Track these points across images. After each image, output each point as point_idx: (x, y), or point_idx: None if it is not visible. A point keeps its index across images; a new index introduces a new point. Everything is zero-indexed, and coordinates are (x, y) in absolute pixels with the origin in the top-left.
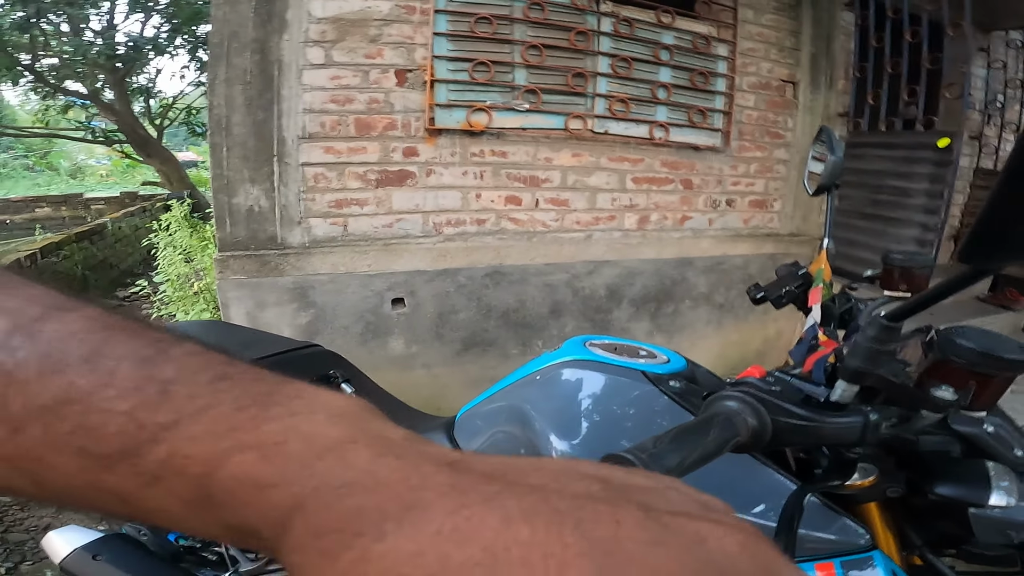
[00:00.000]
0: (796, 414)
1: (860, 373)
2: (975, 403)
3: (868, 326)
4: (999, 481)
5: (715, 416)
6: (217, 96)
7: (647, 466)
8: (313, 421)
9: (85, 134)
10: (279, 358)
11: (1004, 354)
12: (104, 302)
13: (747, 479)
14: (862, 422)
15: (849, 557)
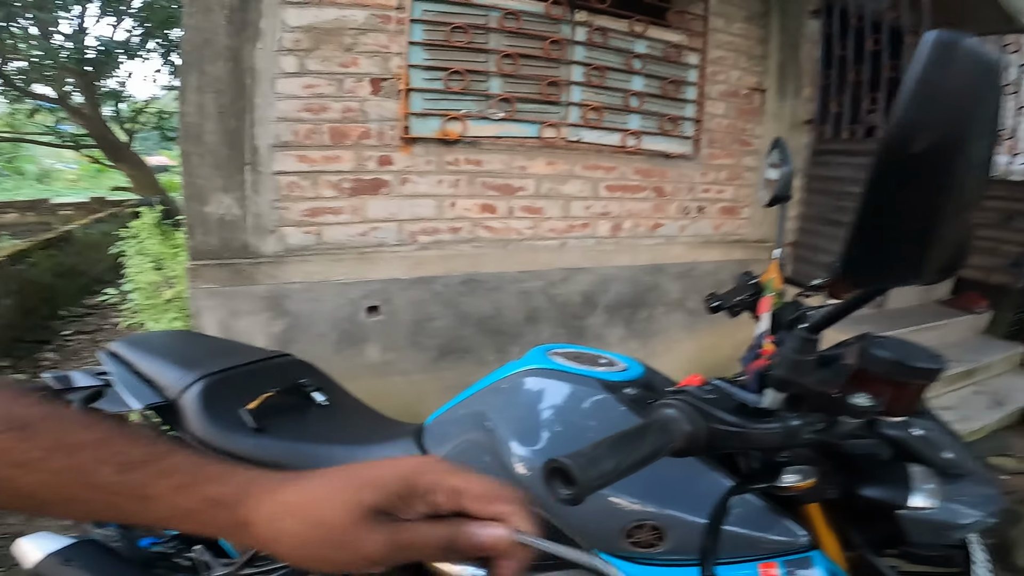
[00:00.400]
0: (726, 421)
1: (785, 382)
2: (892, 409)
3: (790, 338)
4: (920, 483)
5: (652, 423)
6: (189, 104)
7: (584, 470)
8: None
9: (53, 138)
10: (251, 368)
11: (914, 363)
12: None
13: (694, 481)
14: (782, 428)
15: (791, 557)
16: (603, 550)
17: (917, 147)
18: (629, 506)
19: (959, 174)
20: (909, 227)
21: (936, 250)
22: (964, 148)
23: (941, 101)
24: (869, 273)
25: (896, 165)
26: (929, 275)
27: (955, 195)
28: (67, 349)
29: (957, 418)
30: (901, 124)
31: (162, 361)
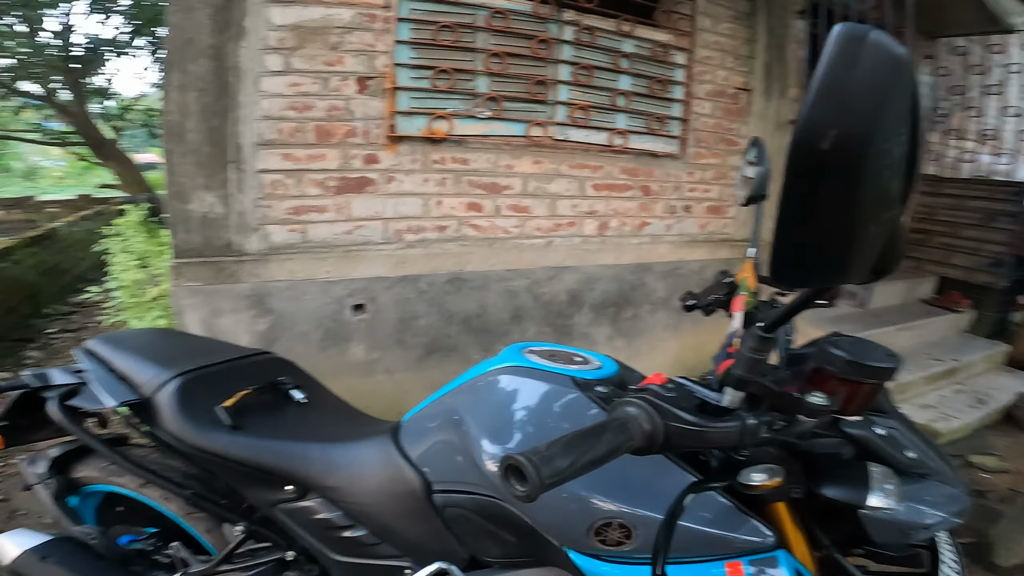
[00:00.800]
0: (685, 419)
1: (742, 380)
2: (847, 408)
3: (747, 336)
4: (879, 483)
5: (610, 422)
6: (171, 103)
7: (537, 468)
8: None
9: (40, 136)
10: (229, 365)
11: (868, 362)
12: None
13: (661, 480)
14: (739, 427)
15: (756, 556)
16: (573, 548)
17: (825, 143)
18: (596, 504)
19: (872, 171)
20: (829, 227)
21: (861, 250)
22: (874, 144)
23: (848, 96)
24: (797, 275)
25: (807, 163)
26: (858, 275)
27: (872, 193)
28: (51, 347)
29: (939, 417)
30: (808, 120)
31: (138, 358)
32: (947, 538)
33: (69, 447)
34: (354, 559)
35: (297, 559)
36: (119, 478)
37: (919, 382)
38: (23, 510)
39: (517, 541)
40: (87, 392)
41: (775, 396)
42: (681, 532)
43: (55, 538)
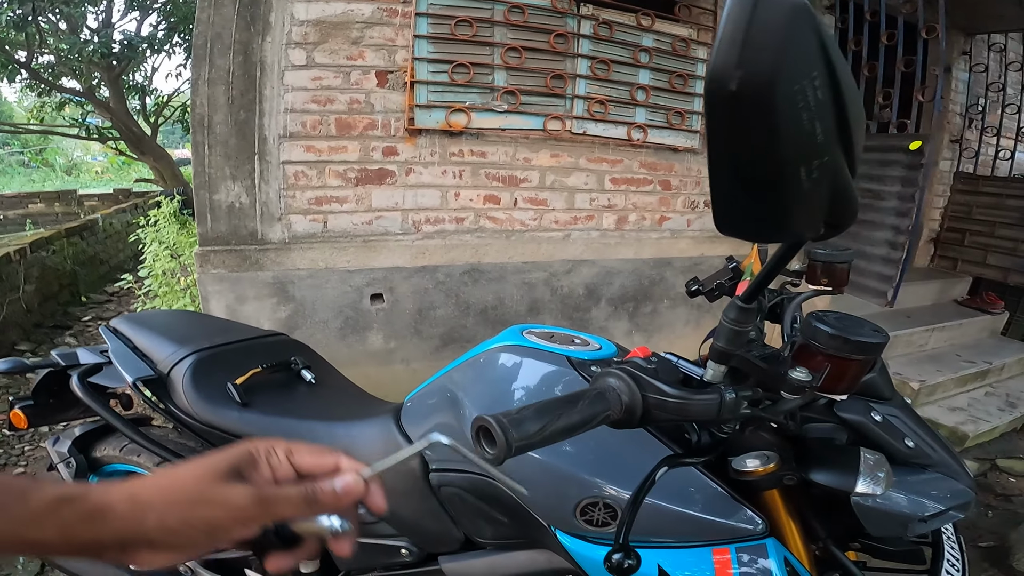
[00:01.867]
0: (663, 391)
1: (724, 353)
2: (832, 386)
3: (728, 309)
4: (871, 469)
5: (588, 391)
6: (200, 96)
7: (505, 431)
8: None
9: (80, 131)
10: (245, 344)
11: (854, 336)
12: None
13: (647, 460)
14: (718, 399)
15: (744, 543)
16: (560, 528)
17: (732, 84)
18: (581, 483)
19: (785, 112)
20: (756, 172)
21: (799, 198)
22: (779, 83)
23: (749, 38)
24: (739, 224)
25: (720, 105)
26: (807, 227)
27: (791, 135)
28: (86, 334)
29: (968, 419)
30: (716, 63)
31: (157, 336)
32: (951, 534)
33: (91, 426)
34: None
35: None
36: (138, 457)
37: (949, 384)
38: None
39: (509, 522)
40: (109, 370)
41: (757, 371)
42: (670, 516)
43: None
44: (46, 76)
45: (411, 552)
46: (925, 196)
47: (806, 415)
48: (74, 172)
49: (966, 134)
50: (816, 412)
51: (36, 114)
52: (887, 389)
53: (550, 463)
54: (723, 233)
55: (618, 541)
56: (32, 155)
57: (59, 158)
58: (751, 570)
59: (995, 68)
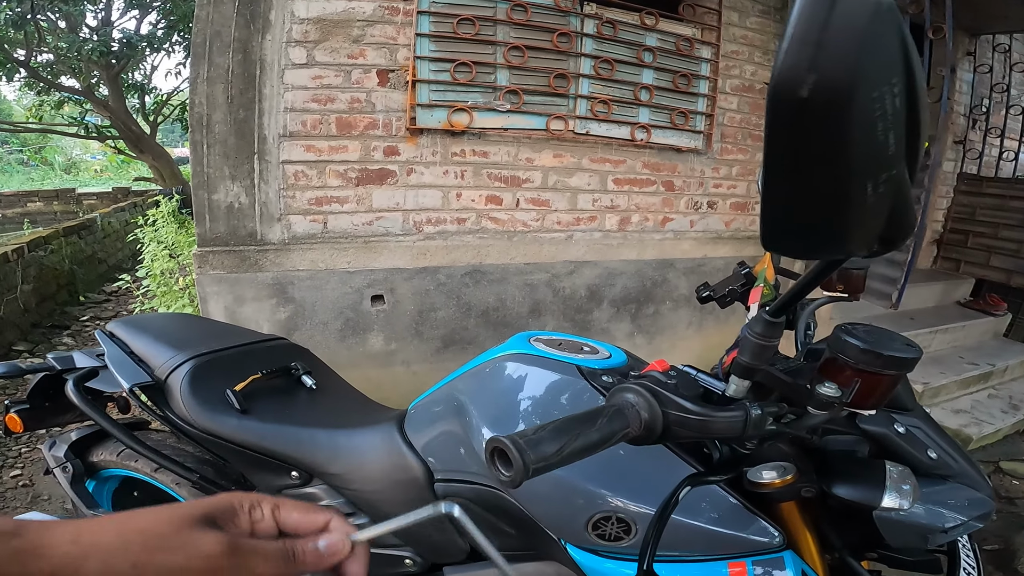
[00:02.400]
0: (686, 408)
1: (748, 368)
2: (861, 401)
3: (754, 323)
4: (897, 483)
5: (606, 408)
6: (198, 94)
7: (522, 452)
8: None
9: (79, 130)
10: (244, 349)
11: (885, 351)
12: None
13: (664, 475)
14: (743, 416)
15: (761, 557)
16: (571, 542)
17: (804, 90)
18: (594, 497)
19: (860, 122)
20: (818, 185)
21: (860, 213)
22: (858, 91)
23: (826, 39)
24: (790, 240)
25: (787, 112)
26: (861, 244)
27: (863, 147)
28: (84, 334)
29: (971, 421)
30: (785, 66)
31: (154, 341)
32: (967, 543)
33: (88, 431)
34: None
35: None
36: (134, 462)
37: (952, 386)
38: (45, 495)
39: (517, 534)
40: (105, 374)
41: (783, 386)
42: (684, 530)
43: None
44: (45, 74)
45: (415, 562)
46: (930, 197)
47: (826, 427)
48: (73, 171)
49: (970, 135)
50: (837, 424)
51: (35, 112)
52: (909, 400)
53: (562, 476)
54: (768, 250)
55: (642, 568)
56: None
57: (58, 156)
58: None
59: (999, 69)
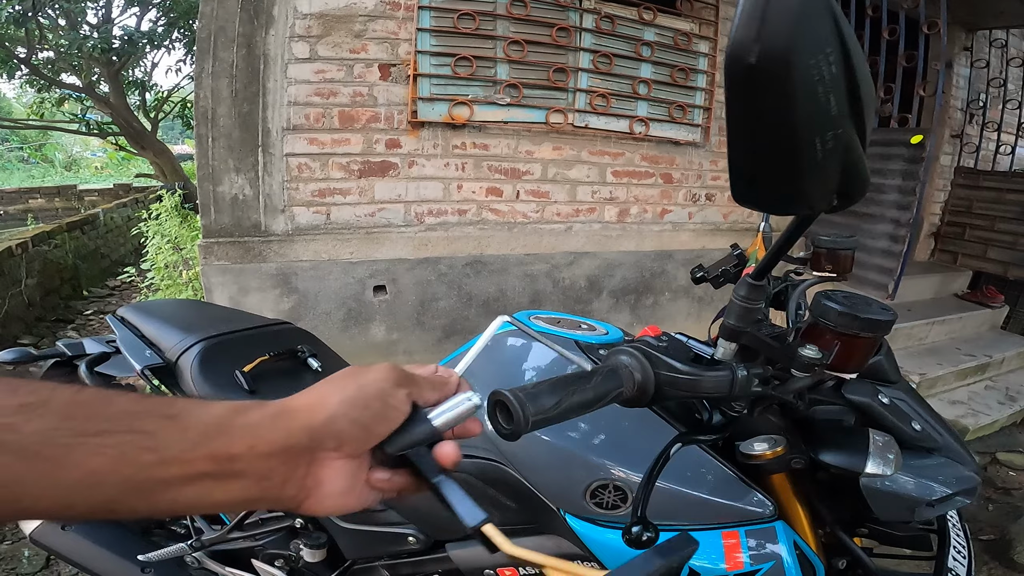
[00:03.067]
0: (676, 368)
1: (734, 331)
2: (841, 364)
3: (739, 287)
4: (880, 450)
5: (601, 368)
6: (203, 89)
7: (521, 404)
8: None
9: (80, 127)
10: (250, 333)
11: (861, 314)
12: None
13: (656, 442)
14: (730, 376)
15: (753, 526)
16: (570, 512)
17: (751, 58)
18: (590, 465)
19: (801, 84)
20: (773, 143)
21: (814, 170)
22: (795, 57)
23: (767, 14)
24: (754, 195)
25: (739, 78)
26: (820, 199)
27: (807, 107)
28: (88, 328)
29: (968, 413)
30: (736, 37)
31: (164, 325)
32: (957, 521)
33: None
34: (359, 526)
35: (305, 527)
36: None
37: (949, 377)
38: None
39: (517, 507)
40: (116, 359)
41: (768, 348)
42: (678, 499)
43: None
44: (46, 72)
45: (418, 539)
46: (926, 190)
47: (814, 397)
48: (73, 168)
49: (967, 129)
50: (823, 395)
51: (36, 110)
52: (893, 373)
53: (560, 445)
54: (739, 203)
55: (636, 514)
56: (31, 151)
57: (58, 154)
58: (760, 553)
59: (996, 64)
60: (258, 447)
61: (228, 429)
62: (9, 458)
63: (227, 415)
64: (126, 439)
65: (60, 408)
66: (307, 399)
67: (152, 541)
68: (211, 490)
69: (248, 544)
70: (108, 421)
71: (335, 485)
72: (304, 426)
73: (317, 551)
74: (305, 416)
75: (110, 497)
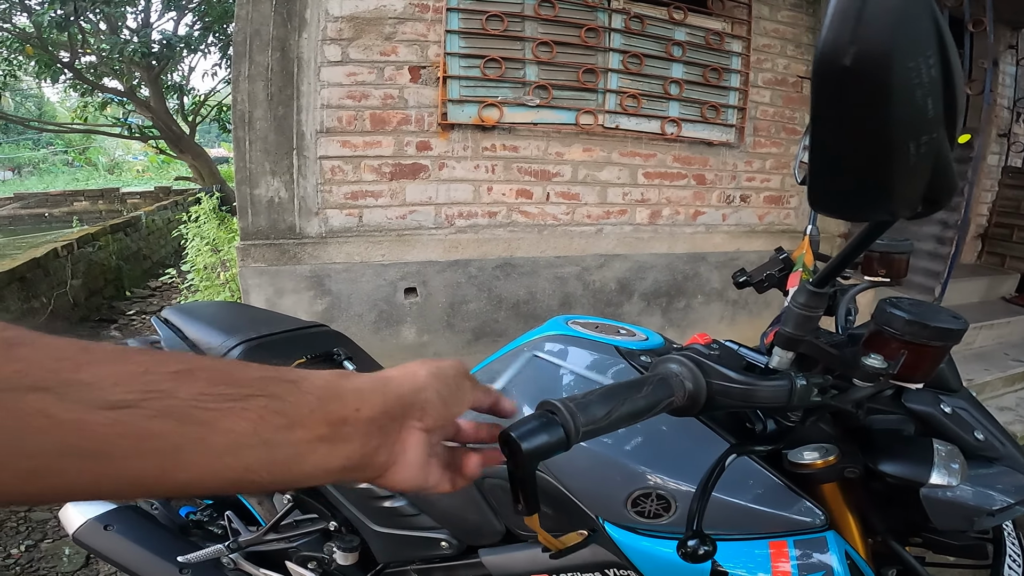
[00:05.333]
0: (729, 377)
1: (791, 339)
2: (908, 374)
3: (797, 293)
4: (945, 461)
5: (651, 376)
6: (240, 92)
7: (572, 414)
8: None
9: (122, 130)
10: (288, 335)
11: (931, 322)
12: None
13: (703, 451)
14: (788, 385)
15: (803, 536)
16: (608, 519)
17: (847, 60)
18: (634, 473)
19: (899, 88)
20: (863, 146)
21: (903, 174)
22: (894, 59)
23: (865, 14)
24: (836, 200)
25: (831, 80)
26: (905, 204)
27: (903, 111)
28: (131, 328)
29: (1016, 419)
30: (829, 38)
31: (206, 326)
32: (1012, 531)
33: None
34: (393, 530)
35: (339, 530)
36: None
37: (997, 383)
38: None
39: (554, 513)
40: None
41: (828, 357)
42: (725, 507)
43: (119, 507)
44: (88, 76)
45: (451, 544)
46: (974, 190)
47: (871, 406)
48: (116, 171)
49: (1014, 128)
50: (882, 403)
51: (79, 114)
52: (954, 381)
53: (600, 453)
54: (816, 210)
55: (691, 528)
56: (75, 154)
57: (101, 157)
58: (809, 563)
59: None
60: (363, 411)
61: (339, 393)
62: (171, 424)
63: (336, 380)
64: (263, 403)
65: (206, 375)
66: (400, 371)
67: (191, 542)
68: (327, 456)
69: (283, 546)
70: (248, 386)
71: (415, 455)
72: (398, 393)
73: (350, 554)
74: (398, 384)
75: (248, 465)
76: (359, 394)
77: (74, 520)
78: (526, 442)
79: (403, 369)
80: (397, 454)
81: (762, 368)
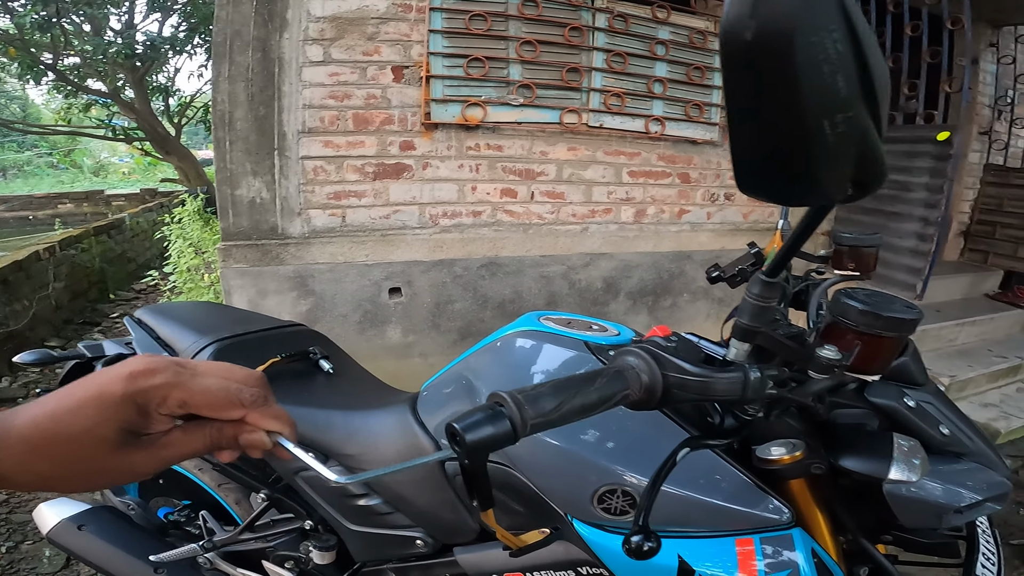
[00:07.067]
0: (685, 370)
1: (747, 330)
2: (863, 365)
3: (751, 284)
4: (905, 456)
5: (607, 369)
6: (221, 93)
7: (520, 406)
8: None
9: (106, 132)
10: (263, 334)
11: (884, 312)
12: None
13: (667, 447)
14: (742, 378)
15: (769, 534)
16: (576, 516)
17: (748, 35)
18: (598, 470)
19: (805, 64)
20: (777, 126)
21: (825, 156)
22: (796, 34)
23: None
24: (763, 183)
25: (736, 56)
26: (834, 188)
27: (813, 88)
28: (115, 330)
29: (1000, 415)
30: (729, 14)
31: (180, 327)
32: (987, 528)
33: None
34: (368, 528)
35: (315, 529)
36: None
37: (980, 379)
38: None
39: (525, 511)
40: None
41: (784, 349)
42: (690, 504)
43: (93, 507)
44: (72, 77)
45: (426, 543)
46: (954, 187)
47: (835, 400)
48: (101, 173)
49: (995, 126)
50: (845, 398)
51: (63, 116)
52: (920, 375)
53: (567, 449)
54: (745, 193)
55: (637, 523)
56: (60, 156)
57: (86, 159)
58: (776, 561)
59: (1022, 59)
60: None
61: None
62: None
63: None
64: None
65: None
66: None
67: (166, 542)
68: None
69: (259, 545)
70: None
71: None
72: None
73: (327, 553)
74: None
75: None
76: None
77: (48, 520)
78: (471, 434)
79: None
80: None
81: (720, 361)
